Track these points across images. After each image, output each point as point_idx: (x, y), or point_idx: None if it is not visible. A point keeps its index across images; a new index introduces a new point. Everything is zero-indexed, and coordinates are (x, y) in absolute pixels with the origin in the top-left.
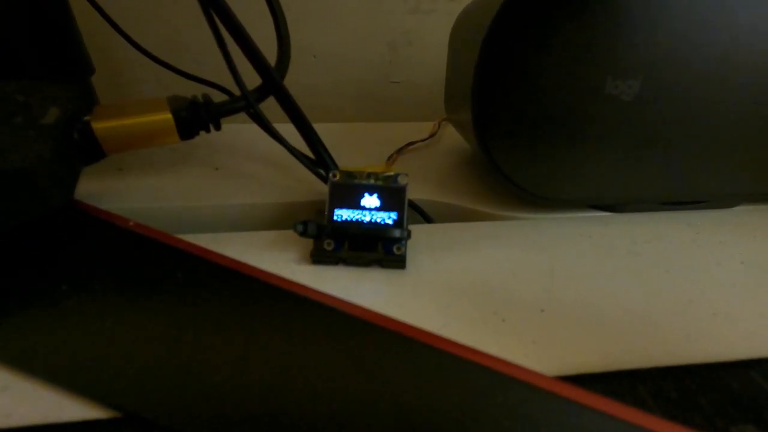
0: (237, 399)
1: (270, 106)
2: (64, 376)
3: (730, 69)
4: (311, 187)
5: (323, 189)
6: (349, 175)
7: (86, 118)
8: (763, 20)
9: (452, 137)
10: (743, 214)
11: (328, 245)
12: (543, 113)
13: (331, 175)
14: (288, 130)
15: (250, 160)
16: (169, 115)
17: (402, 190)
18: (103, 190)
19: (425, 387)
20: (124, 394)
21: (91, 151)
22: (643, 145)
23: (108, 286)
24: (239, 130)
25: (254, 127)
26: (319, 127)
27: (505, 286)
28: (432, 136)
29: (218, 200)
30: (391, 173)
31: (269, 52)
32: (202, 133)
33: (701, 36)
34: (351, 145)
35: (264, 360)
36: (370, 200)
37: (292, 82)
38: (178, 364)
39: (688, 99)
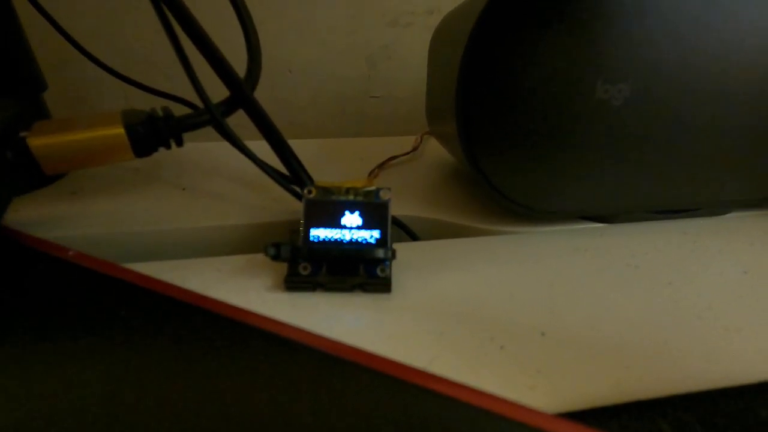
0: None
1: (243, 124)
2: None
3: (722, 73)
4: (287, 206)
5: (300, 208)
6: (325, 191)
7: (23, 134)
8: (757, 26)
9: (435, 150)
10: (736, 221)
11: (304, 269)
12: (532, 121)
13: (306, 191)
14: (262, 148)
15: (221, 180)
16: (121, 130)
17: (384, 206)
18: (54, 216)
19: None
20: None
21: (30, 171)
22: (634, 151)
23: (32, 331)
24: (209, 148)
25: (225, 145)
26: (296, 144)
27: (501, 307)
28: (414, 149)
29: (185, 223)
30: (372, 188)
31: (240, 65)
32: (168, 151)
33: (693, 39)
34: (330, 162)
35: (223, 414)
36: (350, 218)
37: (266, 97)
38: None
39: (679, 103)
